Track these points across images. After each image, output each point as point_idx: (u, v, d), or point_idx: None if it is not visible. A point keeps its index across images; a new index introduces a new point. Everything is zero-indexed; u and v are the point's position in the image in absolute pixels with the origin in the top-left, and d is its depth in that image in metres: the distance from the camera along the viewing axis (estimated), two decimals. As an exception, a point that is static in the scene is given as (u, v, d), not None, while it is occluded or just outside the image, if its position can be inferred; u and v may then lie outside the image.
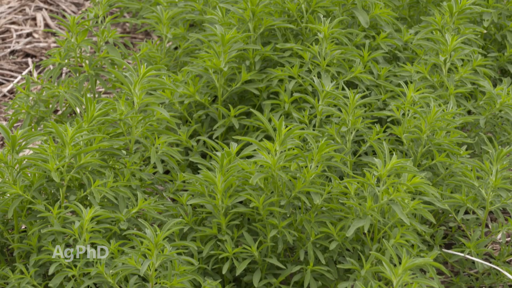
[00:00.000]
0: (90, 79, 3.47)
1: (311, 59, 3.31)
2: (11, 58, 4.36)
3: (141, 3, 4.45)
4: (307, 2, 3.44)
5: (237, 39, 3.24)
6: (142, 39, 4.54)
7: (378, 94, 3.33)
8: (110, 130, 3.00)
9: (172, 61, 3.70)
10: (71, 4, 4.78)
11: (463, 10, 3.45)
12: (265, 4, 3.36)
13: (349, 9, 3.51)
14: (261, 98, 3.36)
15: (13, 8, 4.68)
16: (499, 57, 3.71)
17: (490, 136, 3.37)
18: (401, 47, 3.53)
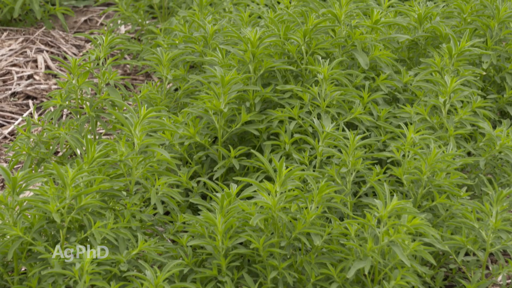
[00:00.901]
0: (91, 121, 3.51)
1: (311, 100, 3.36)
2: (12, 100, 4.41)
3: (142, 45, 4.52)
4: (307, 44, 3.50)
5: (237, 81, 3.28)
6: (142, 80, 4.60)
7: (378, 135, 3.37)
8: (110, 171, 3.03)
9: (173, 103, 3.74)
10: (72, 46, 4.85)
11: (462, 52, 3.50)
12: (265, 46, 3.41)
13: (349, 51, 3.56)
14: (261, 139, 3.40)
15: (14, 51, 4.74)
16: (499, 99, 3.76)
17: (490, 177, 3.40)
18: (401, 89, 3.58)
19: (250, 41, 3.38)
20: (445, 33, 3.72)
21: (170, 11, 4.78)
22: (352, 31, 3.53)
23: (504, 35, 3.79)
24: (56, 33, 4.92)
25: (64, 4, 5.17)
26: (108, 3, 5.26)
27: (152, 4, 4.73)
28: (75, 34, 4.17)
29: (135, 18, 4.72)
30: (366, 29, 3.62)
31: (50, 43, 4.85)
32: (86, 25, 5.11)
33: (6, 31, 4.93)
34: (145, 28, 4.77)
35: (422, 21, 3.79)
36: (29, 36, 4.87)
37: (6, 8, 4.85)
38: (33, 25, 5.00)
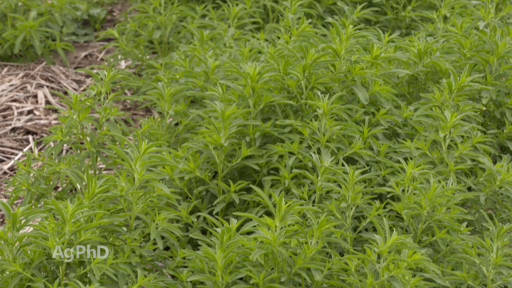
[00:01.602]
0: (91, 156, 3.55)
1: (310, 135, 3.40)
2: (12, 136, 4.45)
3: (142, 80, 4.57)
4: (307, 78, 3.54)
5: (237, 115, 3.32)
6: (143, 115, 4.64)
7: (378, 170, 3.40)
8: (110, 207, 3.06)
9: (173, 137, 3.78)
10: (72, 82, 4.90)
11: (462, 87, 3.55)
12: (264, 81, 3.46)
13: (348, 86, 3.61)
14: (261, 174, 3.43)
15: (14, 86, 4.80)
16: (499, 134, 3.79)
17: (490, 213, 3.43)
18: (401, 124, 3.61)
19: (250, 76, 3.43)
20: (445, 68, 3.77)
21: (170, 46, 4.84)
22: (352, 66, 3.58)
23: (503, 70, 3.84)
24: (57, 69, 4.98)
25: (65, 40, 5.23)
26: (108, 38, 5.32)
27: (152, 39, 4.79)
28: (77, 69, 4.22)
29: (135, 53, 4.77)
30: (366, 64, 3.67)
31: (51, 78, 4.90)
32: (86, 60, 5.16)
33: (6, 67, 4.99)
34: (145, 63, 4.82)
35: (422, 56, 3.84)
36: (29, 72, 4.92)
37: (7, 44, 4.91)
38: (33, 61, 5.05)
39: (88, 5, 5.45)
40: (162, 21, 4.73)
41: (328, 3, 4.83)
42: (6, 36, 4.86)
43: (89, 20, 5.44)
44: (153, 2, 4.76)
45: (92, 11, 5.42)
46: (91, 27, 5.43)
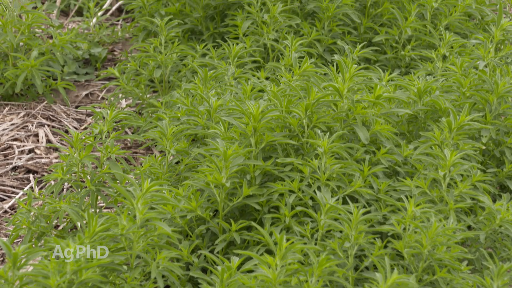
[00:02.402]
0: (92, 194, 3.60)
1: (311, 173, 3.44)
2: (12, 174, 4.50)
3: (143, 119, 4.63)
4: (309, 117, 3.60)
5: (239, 155, 3.37)
6: (143, 154, 4.69)
7: (378, 208, 3.45)
8: (111, 245, 3.10)
9: (174, 176, 3.83)
10: (73, 120, 4.96)
11: (461, 126, 3.60)
12: (267, 120, 3.51)
13: (350, 125, 3.66)
14: (261, 212, 3.47)
15: (15, 125, 4.86)
16: (498, 172, 3.84)
17: (490, 251, 3.46)
18: (401, 162, 3.66)
19: (253, 115, 3.48)
20: (444, 107, 3.82)
21: (171, 85, 4.90)
22: (353, 106, 3.64)
23: (503, 110, 3.89)
24: (58, 107, 5.04)
25: (66, 79, 5.30)
26: (109, 77, 5.39)
27: (152, 78, 4.85)
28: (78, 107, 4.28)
29: (136, 92, 4.83)
30: (367, 103, 3.73)
31: (51, 117, 4.97)
32: (87, 99, 5.23)
33: (7, 106, 5.05)
34: (146, 101, 4.88)
35: (421, 95, 3.90)
36: (30, 111, 4.98)
37: (8, 83, 4.98)
38: (34, 100, 5.12)
39: (89, 44, 5.53)
40: (163, 60, 4.80)
41: (327, 42, 4.91)
42: (8, 76, 4.93)
43: (90, 59, 5.52)
44: (154, 41, 4.83)
45: (93, 50, 5.50)
46: (92, 66, 5.50)
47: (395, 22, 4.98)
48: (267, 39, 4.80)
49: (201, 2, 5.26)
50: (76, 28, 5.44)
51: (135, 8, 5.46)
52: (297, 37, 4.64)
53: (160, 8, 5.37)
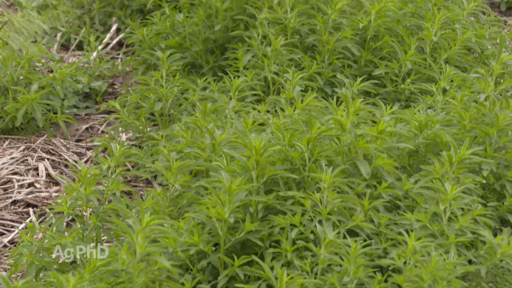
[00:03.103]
0: (97, 230, 3.64)
1: (312, 207, 3.48)
2: (12, 209, 4.54)
3: (143, 152, 4.68)
4: (310, 151, 3.65)
5: (242, 189, 3.41)
6: (143, 186, 4.73)
7: (378, 242, 3.48)
8: (111, 280, 3.13)
9: (176, 209, 3.86)
10: (73, 154, 5.01)
11: (462, 159, 3.65)
12: (269, 154, 3.56)
13: (351, 159, 3.71)
14: (263, 247, 3.50)
15: (15, 159, 4.91)
16: (499, 206, 3.88)
17: (491, 286, 3.49)
18: (402, 196, 3.70)
19: (255, 149, 3.53)
20: (445, 141, 3.87)
21: (171, 119, 4.96)
22: (356, 140, 3.69)
23: (503, 143, 3.94)
24: (58, 141, 5.09)
25: (66, 112, 5.36)
26: (109, 111, 5.45)
27: (153, 111, 4.91)
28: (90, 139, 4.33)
29: (136, 125, 4.89)
30: (370, 138, 3.77)
31: (51, 151, 5.02)
32: (87, 133, 5.28)
33: (7, 140, 5.10)
34: (146, 135, 4.93)
35: (422, 129, 3.95)
36: (30, 145, 5.04)
37: (8, 117, 5.04)
38: (34, 133, 5.17)
39: (90, 78, 5.60)
40: (164, 94, 4.86)
41: (328, 75, 4.97)
42: (8, 109, 4.99)
43: (91, 93, 5.58)
44: (156, 74, 4.89)
45: (93, 84, 5.56)
46: (92, 99, 5.57)
47: (395, 56, 5.05)
48: (268, 72, 4.87)
49: (201, 36, 5.33)
50: (77, 62, 5.51)
51: (135, 42, 5.54)
52: (298, 70, 4.70)
53: (160, 42, 5.45)
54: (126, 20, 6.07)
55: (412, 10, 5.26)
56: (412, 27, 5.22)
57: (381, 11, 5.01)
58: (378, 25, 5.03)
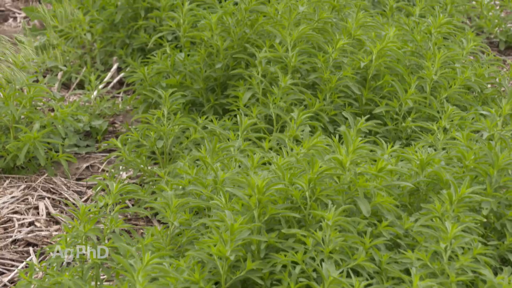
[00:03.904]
0: (96, 268, 3.68)
1: (314, 245, 3.53)
2: (12, 248, 4.59)
3: (144, 190, 4.73)
4: (312, 189, 3.71)
5: (245, 228, 3.47)
6: (143, 225, 4.78)
7: (380, 280, 3.53)
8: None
9: (176, 248, 3.91)
10: (74, 193, 5.07)
11: (462, 198, 3.71)
12: (271, 192, 3.62)
13: (351, 197, 3.77)
14: (264, 286, 3.55)
15: (16, 198, 4.97)
16: (499, 245, 3.93)
17: (493, 324, 3.53)
18: (402, 234, 3.75)
19: (258, 187, 3.59)
20: (445, 179, 3.93)
21: (172, 157, 5.02)
22: (356, 178, 3.75)
23: (503, 182, 4.00)
24: (58, 180, 5.15)
25: (66, 151, 5.42)
26: (110, 149, 5.51)
27: (154, 149, 4.97)
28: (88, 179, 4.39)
29: (137, 163, 4.94)
30: (370, 176, 3.83)
31: (52, 189, 5.08)
32: (88, 172, 5.34)
33: (8, 179, 5.17)
34: (147, 173, 4.99)
35: (423, 167, 4.01)
36: (31, 183, 5.10)
37: (10, 156, 5.11)
38: (35, 172, 5.23)
39: (90, 116, 5.68)
40: (165, 132, 4.92)
41: (330, 114, 5.04)
42: (9, 148, 5.06)
43: (91, 131, 5.65)
44: (157, 112, 4.97)
45: (94, 122, 5.64)
46: (93, 138, 5.64)
47: (395, 94, 5.12)
48: (273, 110, 4.93)
49: (202, 74, 5.42)
50: (77, 101, 5.60)
51: (136, 81, 5.62)
52: (301, 108, 4.78)
53: (161, 80, 5.53)
54: (127, 59, 6.16)
55: (412, 49, 5.35)
56: (413, 66, 5.31)
57: (382, 51, 5.10)
58: (379, 64, 5.12)
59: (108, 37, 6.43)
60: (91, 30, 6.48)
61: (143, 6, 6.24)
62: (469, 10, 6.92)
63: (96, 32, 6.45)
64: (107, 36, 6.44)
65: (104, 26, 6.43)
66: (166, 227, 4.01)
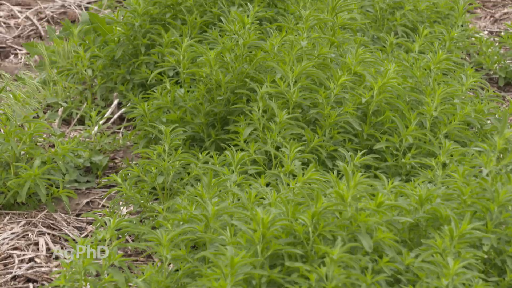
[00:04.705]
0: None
1: (317, 281, 3.56)
2: (12, 284, 4.61)
3: (143, 225, 4.76)
4: (314, 225, 3.74)
5: (246, 263, 3.49)
6: (143, 261, 4.80)
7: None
8: None
9: (173, 283, 3.93)
10: (74, 229, 5.10)
11: (463, 234, 3.74)
12: (276, 228, 3.65)
13: (353, 232, 3.80)
14: (266, 323, 3.58)
15: (16, 234, 5.00)
16: (500, 281, 3.95)
17: None
18: (403, 270, 3.78)
19: (262, 222, 3.62)
20: (445, 215, 3.96)
21: (173, 192, 5.05)
22: (357, 213, 3.78)
23: (504, 218, 4.03)
24: (58, 216, 5.19)
25: (67, 187, 5.46)
26: (110, 185, 5.55)
27: (154, 185, 5.00)
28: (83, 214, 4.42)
29: (137, 198, 4.98)
30: (370, 211, 3.87)
31: (52, 225, 5.11)
32: (88, 207, 5.38)
33: (8, 215, 5.20)
34: (147, 209, 5.01)
35: (423, 203, 4.04)
36: (31, 219, 5.13)
37: (10, 192, 5.15)
38: (35, 208, 5.27)
39: (91, 152, 5.72)
40: (165, 167, 4.96)
41: (329, 149, 5.08)
42: (10, 185, 5.10)
43: (91, 167, 5.69)
44: (158, 148, 5.01)
45: (94, 158, 5.68)
46: (93, 174, 5.68)
47: (395, 130, 5.17)
48: (271, 146, 4.97)
49: (203, 110, 5.46)
50: (78, 137, 5.65)
51: (137, 116, 5.67)
52: (299, 143, 4.82)
53: (161, 116, 5.58)
54: (128, 94, 6.22)
55: (412, 85, 5.41)
56: (412, 102, 5.37)
57: (383, 86, 5.15)
58: (380, 100, 5.17)
59: (108, 73, 6.50)
60: (92, 66, 6.55)
61: (144, 43, 6.32)
62: (468, 47, 6.99)
63: (97, 68, 6.51)
64: (107, 72, 6.50)
65: (104, 62, 6.50)
66: (164, 263, 4.02)
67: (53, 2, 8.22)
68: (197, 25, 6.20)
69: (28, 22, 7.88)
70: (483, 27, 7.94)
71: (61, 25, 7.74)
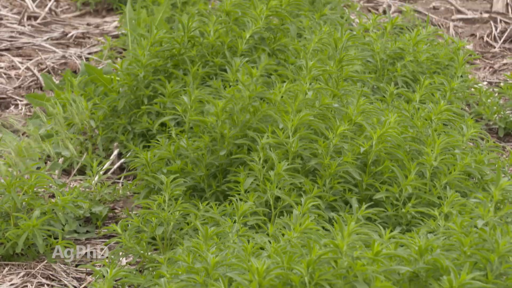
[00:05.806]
0: None
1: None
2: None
3: (143, 276, 4.77)
4: (310, 274, 3.76)
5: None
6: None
7: None
8: None
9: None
10: (73, 279, 5.11)
11: (463, 285, 3.75)
12: (271, 278, 3.67)
13: (350, 282, 3.81)
14: None
15: (15, 285, 5.01)
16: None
17: None
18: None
19: (258, 272, 3.64)
20: (445, 266, 3.97)
21: (173, 243, 5.07)
22: (353, 262, 3.80)
23: (504, 269, 4.03)
24: (58, 266, 5.20)
25: (66, 237, 5.48)
26: (110, 235, 5.56)
27: (154, 235, 5.02)
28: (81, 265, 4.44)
29: (137, 249, 4.99)
30: (367, 260, 3.88)
31: (51, 276, 5.12)
32: (87, 258, 5.38)
33: (7, 266, 5.22)
34: (146, 259, 5.03)
35: (423, 253, 4.05)
36: (30, 270, 5.15)
37: (9, 243, 5.17)
38: (34, 259, 5.28)
39: (91, 203, 5.75)
40: (165, 218, 4.99)
41: (329, 199, 5.11)
42: (9, 236, 5.13)
43: (91, 217, 5.72)
44: (159, 198, 5.04)
45: (94, 209, 5.71)
46: (93, 224, 5.70)
47: (395, 180, 5.19)
48: (270, 197, 5.00)
49: (204, 161, 5.50)
50: (78, 187, 5.68)
51: (138, 166, 5.71)
52: (299, 195, 4.85)
53: (162, 167, 5.62)
54: (128, 144, 6.27)
55: (412, 135, 5.45)
56: (413, 152, 5.40)
57: (382, 136, 5.20)
58: (379, 149, 5.21)
59: (109, 123, 6.55)
60: (93, 117, 6.60)
61: (146, 94, 6.38)
62: (468, 97, 7.03)
63: (98, 118, 6.57)
64: (108, 122, 6.56)
65: (105, 112, 6.56)
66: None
67: (54, 53, 8.31)
68: (199, 75, 6.27)
69: (29, 73, 7.96)
70: (483, 77, 8.01)
71: (61, 75, 7.82)
